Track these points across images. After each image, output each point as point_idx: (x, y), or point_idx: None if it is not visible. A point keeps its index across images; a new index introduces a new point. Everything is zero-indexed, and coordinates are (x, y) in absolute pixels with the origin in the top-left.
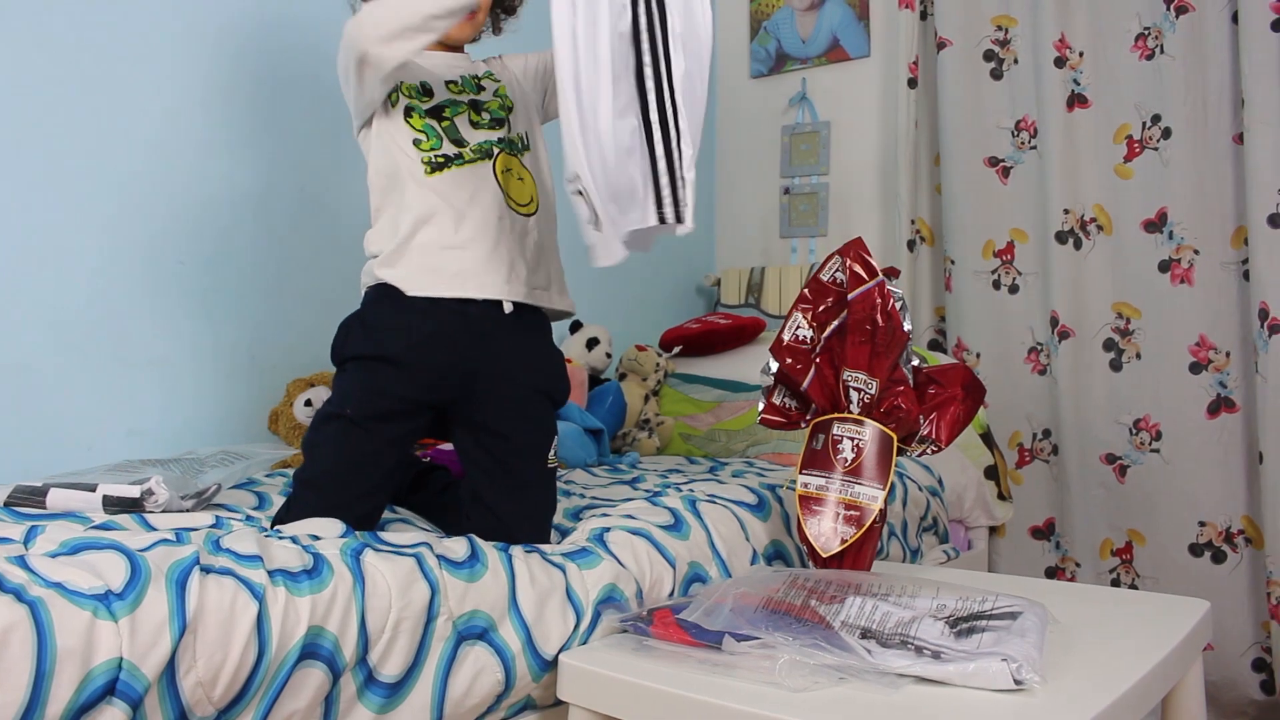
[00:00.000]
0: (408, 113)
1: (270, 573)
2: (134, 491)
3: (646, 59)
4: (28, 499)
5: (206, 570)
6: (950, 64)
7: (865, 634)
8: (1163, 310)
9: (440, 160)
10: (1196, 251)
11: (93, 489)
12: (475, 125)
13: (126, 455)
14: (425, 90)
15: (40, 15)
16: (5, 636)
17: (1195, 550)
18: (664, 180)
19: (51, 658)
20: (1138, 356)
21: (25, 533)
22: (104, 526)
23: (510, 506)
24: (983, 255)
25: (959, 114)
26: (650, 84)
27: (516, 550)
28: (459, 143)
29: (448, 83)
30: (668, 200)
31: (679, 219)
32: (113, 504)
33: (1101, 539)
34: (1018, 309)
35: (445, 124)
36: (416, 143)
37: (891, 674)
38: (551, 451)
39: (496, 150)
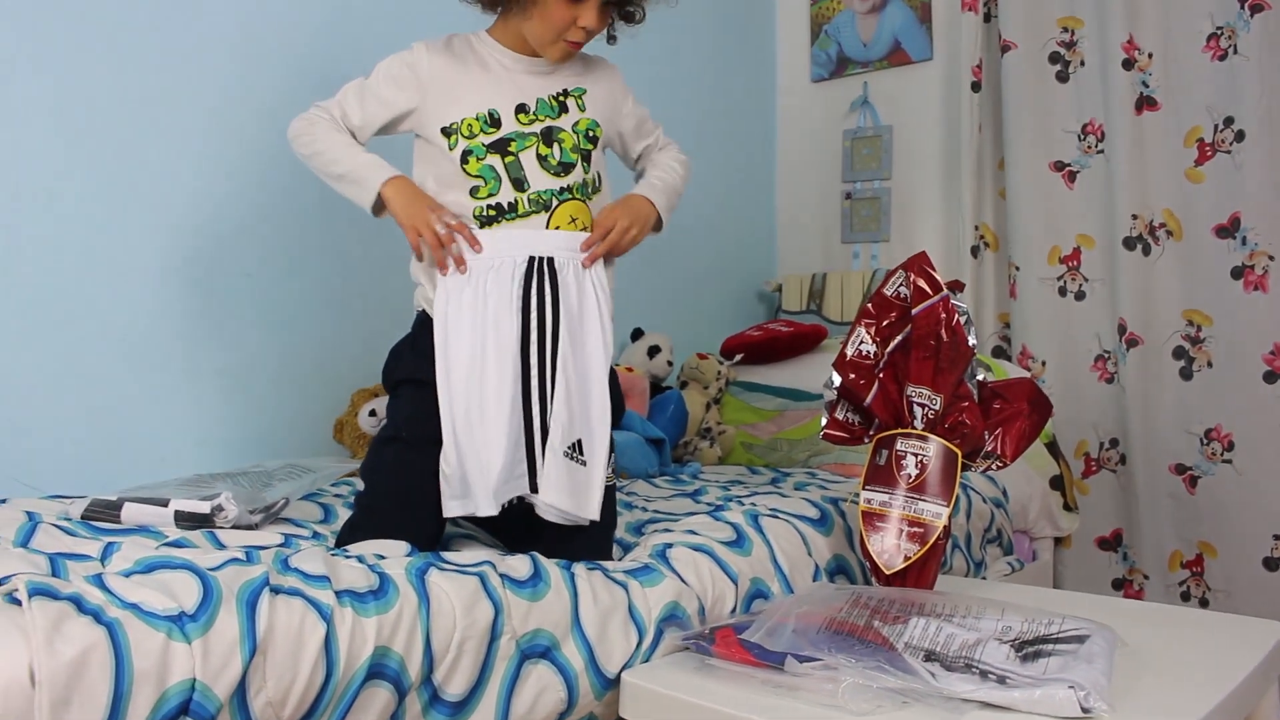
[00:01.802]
0: (465, 157)
1: (338, 593)
2: (204, 507)
3: (533, 346)
4: (103, 513)
5: (276, 590)
6: (1015, 67)
7: (929, 656)
8: (1236, 318)
9: (492, 214)
10: (1271, 258)
11: (165, 504)
12: (542, 163)
13: (195, 465)
14: (492, 120)
15: (106, 27)
16: (85, 658)
17: (1270, 564)
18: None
19: (129, 679)
20: (1209, 365)
21: (102, 550)
22: (175, 544)
23: (568, 525)
24: (1048, 261)
25: (1024, 117)
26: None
27: (579, 568)
28: (520, 184)
29: (518, 109)
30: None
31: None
32: (184, 519)
33: (1170, 551)
34: (1084, 316)
35: (509, 160)
36: (474, 190)
37: (956, 699)
38: (609, 469)
39: (556, 202)
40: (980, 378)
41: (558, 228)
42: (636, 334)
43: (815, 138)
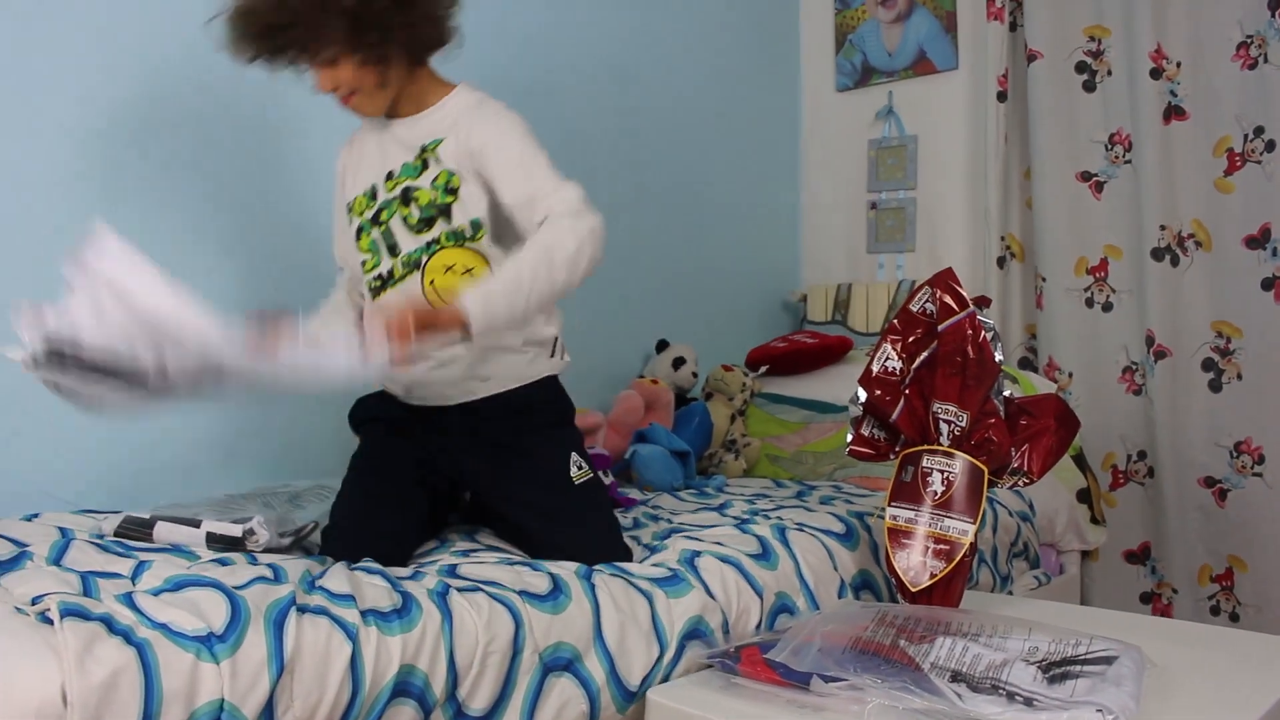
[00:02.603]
0: (358, 233)
1: (363, 613)
2: (236, 530)
3: None
4: (136, 531)
5: (302, 610)
6: (1041, 76)
7: (955, 677)
8: (1266, 329)
9: (377, 285)
10: None
11: (197, 524)
12: (405, 224)
13: (223, 482)
14: (373, 194)
15: (135, 37)
16: (116, 679)
17: None
18: None
19: (158, 700)
20: (1238, 377)
21: (133, 568)
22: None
23: (566, 535)
24: (1075, 272)
25: (1050, 127)
26: None
27: (599, 577)
28: (394, 249)
29: (387, 177)
30: None
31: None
32: (216, 541)
33: (1200, 564)
34: (1112, 328)
35: (383, 229)
36: (364, 264)
37: None
38: (573, 469)
39: (426, 258)
40: (1007, 393)
41: (432, 281)
42: (661, 345)
43: (840, 147)
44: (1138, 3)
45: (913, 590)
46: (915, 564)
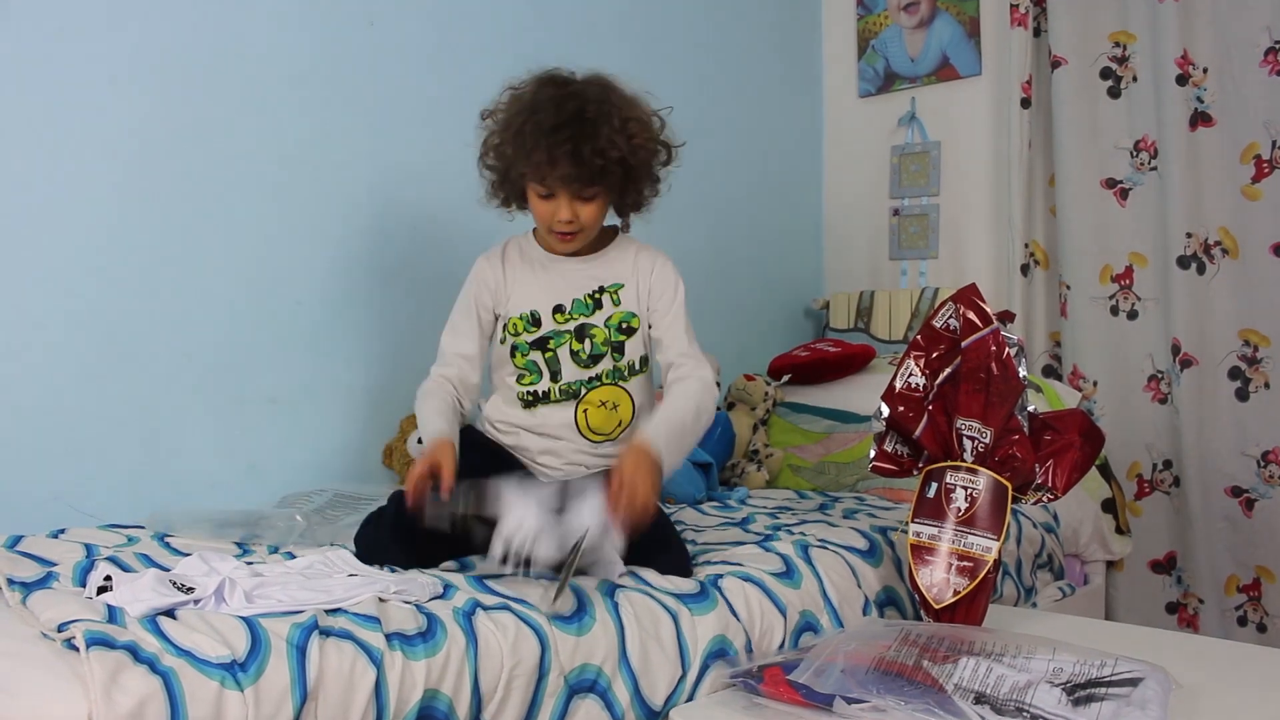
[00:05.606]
0: (513, 351)
1: (387, 636)
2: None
3: None
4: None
5: (325, 633)
6: (1065, 82)
7: (979, 699)
8: None
9: (531, 398)
10: None
11: None
12: (575, 357)
13: (246, 491)
14: (534, 320)
15: (177, 63)
16: (142, 709)
17: None
18: None
19: None
20: (1266, 386)
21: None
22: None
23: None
24: (1100, 280)
25: (1074, 134)
26: None
27: (623, 597)
28: (555, 375)
29: (556, 309)
30: None
31: None
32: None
33: (1226, 575)
34: (1137, 336)
35: (549, 355)
36: (519, 378)
37: None
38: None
39: (585, 390)
40: (1031, 408)
41: (585, 411)
42: None
43: (862, 154)
44: (1163, 8)
45: (936, 607)
46: (939, 581)
